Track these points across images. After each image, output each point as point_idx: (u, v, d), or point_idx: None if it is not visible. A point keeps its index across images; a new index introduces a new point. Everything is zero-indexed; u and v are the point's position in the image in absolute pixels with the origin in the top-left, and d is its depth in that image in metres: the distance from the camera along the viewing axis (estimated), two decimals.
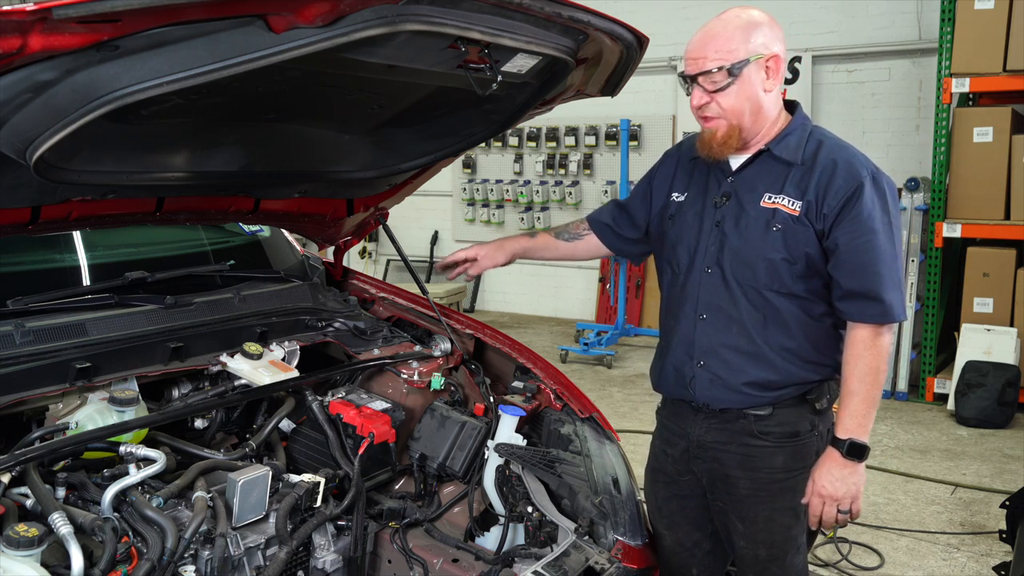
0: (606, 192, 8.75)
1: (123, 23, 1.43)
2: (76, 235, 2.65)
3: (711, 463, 2.24)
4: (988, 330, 6.00)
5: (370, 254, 10.38)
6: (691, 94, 2.11)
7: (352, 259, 10.11)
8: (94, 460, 2.05)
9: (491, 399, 2.63)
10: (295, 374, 2.44)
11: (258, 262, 3.07)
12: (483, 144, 7.21)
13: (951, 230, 6.08)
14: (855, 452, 2.07)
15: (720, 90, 2.06)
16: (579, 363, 7.39)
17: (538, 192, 9.13)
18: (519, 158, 9.25)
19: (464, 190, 9.55)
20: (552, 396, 2.57)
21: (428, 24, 1.68)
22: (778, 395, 2.16)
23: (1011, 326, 6.00)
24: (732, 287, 2.15)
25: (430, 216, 9.81)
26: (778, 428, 2.17)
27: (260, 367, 2.39)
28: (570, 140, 8.92)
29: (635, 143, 8.47)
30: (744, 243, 2.14)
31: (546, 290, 9.43)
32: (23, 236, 2.28)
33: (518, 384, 2.62)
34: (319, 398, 2.51)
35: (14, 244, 2.56)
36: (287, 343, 2.57)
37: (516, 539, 2.45)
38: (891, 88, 7.44)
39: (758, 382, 2.15)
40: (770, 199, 2.13)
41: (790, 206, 2.10)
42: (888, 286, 2.05)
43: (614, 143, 8.61)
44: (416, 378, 2.67)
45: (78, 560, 1.69)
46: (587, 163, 8.90)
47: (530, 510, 2.41)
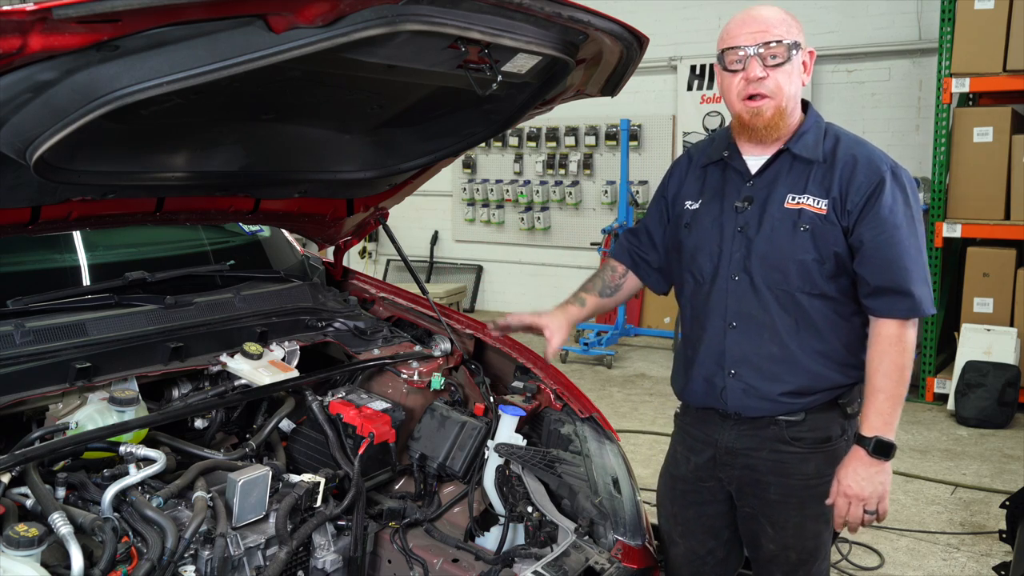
0: (606, 192, 8.75)
1: (123, 23, 1.43)
2: (76, 235, 2.65)
3: (741, 469, 2.20)
4: (988, 330, 6.00)
5: (370, 254, 10.38)
6: (742, 70, 2.04)
7: (352, 259, 10.11)
8: (94, 460, 2.05)
9: (491, 399, 2.63)
10: (295, 374, 2.44)
11: (258, 262, 3.07)
12: (483, 144, 7.21)
13: (951, 230, 6.07)
14: (882, 450, 2.04)
15: (779, 65, 2.03)
16: (579, 363, 7.39)
17: (538, 192, 9.13)
18: (519, 158, 9.25)
19: (464, 190, 9.56)
20: (552, 396, 2.57)
21: (428, 24, 1.67)
22: (811, 400, 2.13)
23: (1011, 326, 6.00)
24: (762, 293, 2.11)
25: (430, 216, 9.82)
26: (810, 434, 2.14)
27: (260, 367, 2.39)
28: (570, 140, 8.92)
29: (635, 143, 8.47)
30: (772, 247, 2.10)
31: (546, 290, 9.43)
32: (23, 236, 2.28)
33: (518, 384, 2.62)
34: (319, 398, 2.51)
35: (14, 244, 2.56)
36: (287, 343, 2.57)
37: (516, 539, 2.45)
38: (891, 88, 7.44)
39: (793, 390, 2.11)
40: (794, 199, 2.09)
41: (816, 205, 2.07)
42: (916, 280, 2.03)
43: (614, 143, 8.61)
44: (416, 378, 2.67)
45: (78, 560, 1.69)
46: (587, 163, 8.90)
47: (530, 510, 2.41)
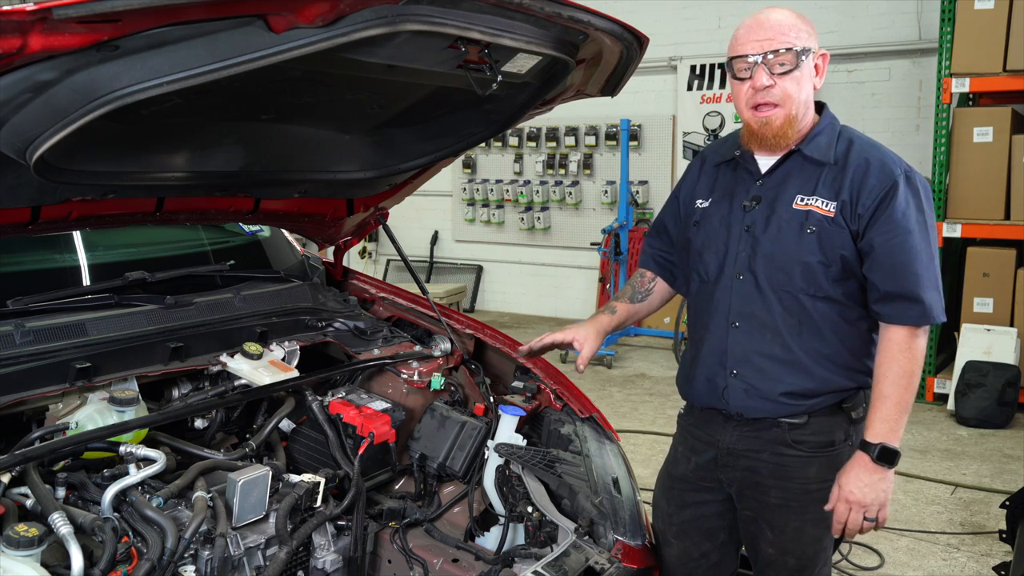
0: (606, 192, 8.76)
1: (123, 23, 1.43)
2: (76, 235, 2.65)
3: (742, 471, 2.19)
4: (988, 330, 6.01)
5: (370, 254, 10.39)
6: (750, 78, 2.03)
7: (352, 259, 10.11)
8: (94, 460, 2.05)
9: (491, 399, 2.63)
10: (295, 374, 2.44)
11: (258, 262, 3.07)
12: (483, 144, 7.21)
13: (951, 230, 6.08)
14: (886, 457, 2.02)
15: (786, 73, 2.01)
16: None
17: (538, 192, 9.14)
18: (519, 158, 9.25)
19: (464, 190, 9.56)
20: (552, 396, 2.57)
21: (428, 24, 1.67)
22: (814, 403, 2.11)
23: (1011, 326, 6.01)
24: (766, 293, 2.10)
25: (430, 216, 9.82)
26: (813, 437, 2.12)
27: (260, 367, 2.39)
28: (570, 140, 8.93)
29: (635, 143, 8.47)
30: (777, 247, 2.09)
31: (546, 290, 9.44)
32: (23, 236, 2.27)
33: (518, 384, 2.62)
34: (319, 398, 2.51)
35: (14, 244, 2.56)
36: (287, 343, 2.57)
37: (516, 539, 2.45)
38: (891, 88, 7.45)
39: (795, 391, 2.10)
40: (803, 201, 2.08)
41: (824, 207, 2.05)
42: (926, 286, 2.02)
43: (614, 143, 8.62)
44: (416, 378, 2.67)
45: (78, 560, 1.69)
46: (587, 163, 8.90)
47: (530, 510, 2.40)
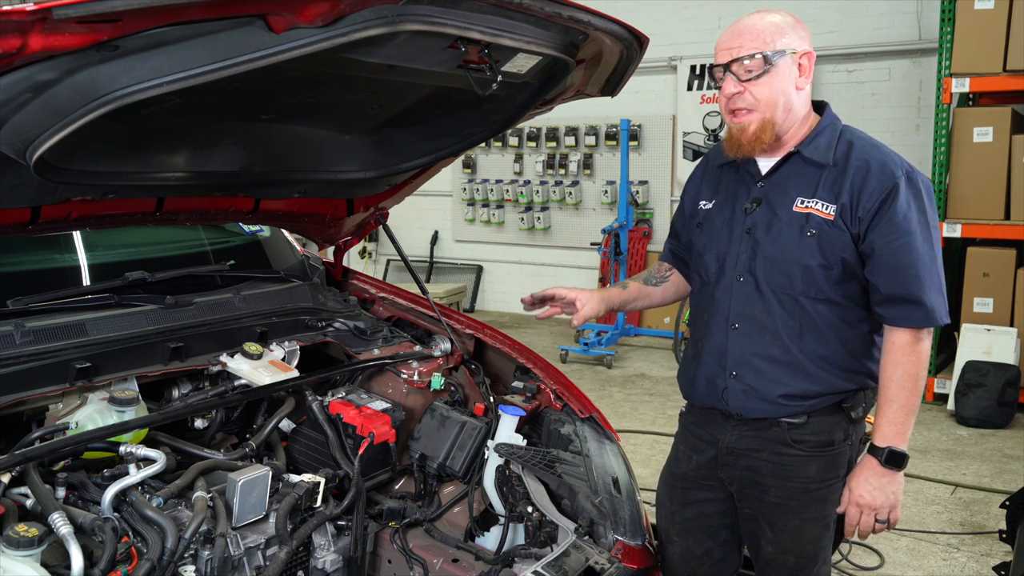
0: (606, 192, 8.75)
1: (123, 23, 1.43)
2: (76, 235, 2.65)
3: (742, 470, 2.19)
4: (988, 330, 6.01)
5: (370, 254, 10.39)
6: (722, 86, 2.06)
7: (352, 259, 10.11)
8: (94, 460, 2.05)
9: (491, 399, 2.63)
10: (295, 374, 2.44)
11: (258, 262, 3.07)
12: (483, 144, 7.21)
13: (951, 230, 6.08)
14: (894, 460, 2.03)
15: (754, 79, 2.01)
16: (579, 363, 7.39)
17: (538, 192, 9.14)
18: (519, 158, 9.25)
19: (464, 190, 9.56)
20: (552, 396, 2.57)
21: (428, 24, 1.67)
22: (813, 404, 2.11)
23: (1011, 326, 6.01)
24: (766, 295, 2.10)
25: (430, 216, 9.82)
26: (812, 437, 2.12)
27: (260, 367, 2.39)
28: (570, 140, 8.92)
29: (635, 143, 8.47)
30: (778, 250, 2.09)
31: None
32: (23, 236, 2.27)
33: (518, 384, 2.62)
34: (319, 398, 2.51)
35: (14, 244, 2.56)
36: (287, 343, 2.57)
37: (516, 539, 2.45)
38: (891, 88, 7.45)
39: (793, 393, 2.10)
40: (803, 203, 2.08)
41: (824, 210, 2.05)
42: (929, 289, 2.01)
43: (614, 143, 8.61)
44: (416, 378, 2.67)
45: (78, 560, 1.69)
46: (587, 163, 8.90)
47: (530, 510, 2.41)
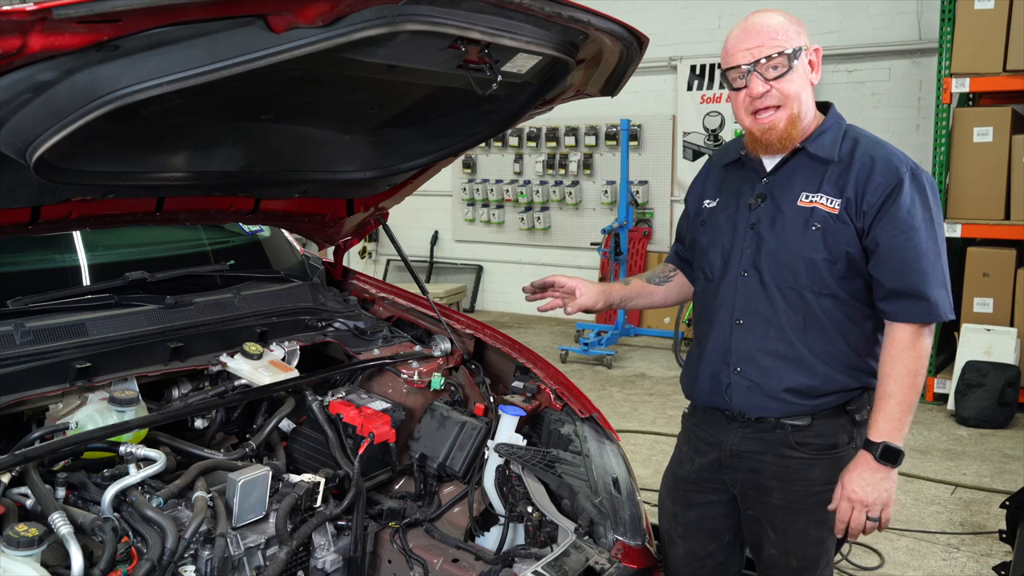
0: (606, 192, 8.76)
1: (123, 23, 1.43)
2: (76, 235, 2.65)
3: (745, 473, 2.19)
4: (988, 330, 6.01)
5: (370, 254, 10.39)
6: (745, 87, 2.04)
7: (352, 259, 10.11)
8: (94, 460, 2.05)
9: (491, 399, 2.63)
10: (295, 374, 2.44)
11: (258, 262, 3.07)
12: (483, 144, 7.22)
13: (951, 230, 6.07)
14: (889, 456, 2.00)
15: (781, 76, 2.02)
16: (579, 363, 7.39)
17: (538, 192, 9.14)
18: (519, 158, 9.25)
19: (464, 190, 9.56)
20: (552, 396, 2.57)
21: (428, 24, 1.67)
22: (817, 403, 2.10)
23: (1011, 326, 6.01)
24: (770, 290, 2.10)
25: (430, 216, 9.82)
26: (816, 439, 2.12)
27: (260, 367, 2.39)
28: (570, 140, 8.93)
29: (635, 143, 8.47)
30: (782, 244, 2.09)
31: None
32: (23, 236, 2.27)
33: (518, 384, 2.62)
34: (319, 398, 2.51)
35: (14, 244, 2.56)
36: (287, 343, 2.57)
37: (516, 539, 2.45)
38: (891, 88, 7.45)
39: (797, 388, 2.09)
40: (807, 198, 2.08)
41: (829, 204, 2.05)
42: (933, 283, 2.01)
43: (614, 143, 8.61)
44: (416, 378, 2.67)
45: (78, 560, 1.69)
46: (587, 163, 8.90)
47: (530, 510, 2.41)
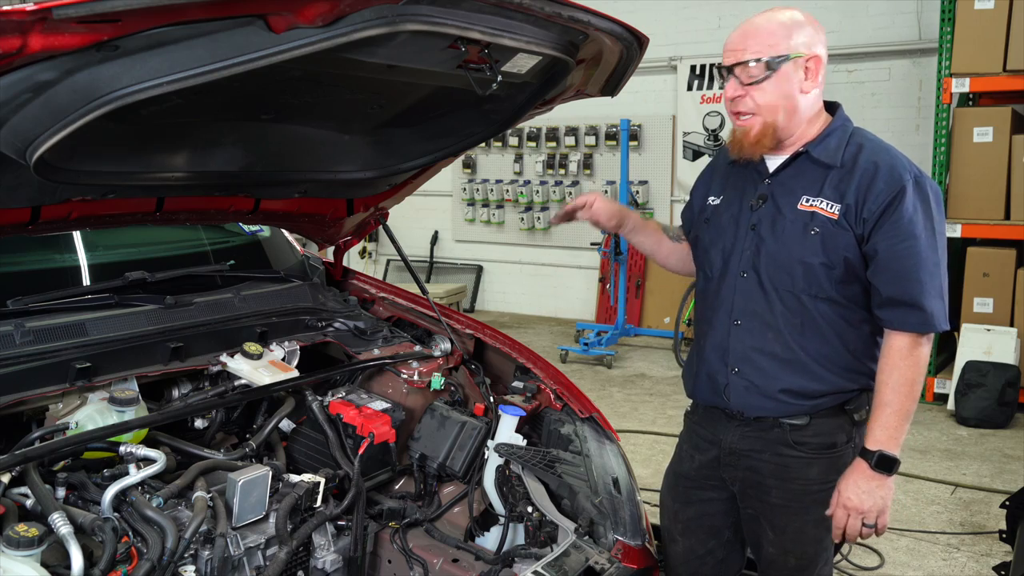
0: (606, 192, 8.74)
1: (123, 23, 1.43)
2: (76, 235, 2.65)
3: (744, 471, 2.19)
4: (988, 330, 6.00)
5: (370, 254, 10.39)
6: (724, 88, 2.08)
7: (352, 259, 10.11)
8: (94, 460, 2.05)
9: (491, 399, 2.63)
10: (295, 374, 2.44)
11: (258, 262, 3.07)
12: (483, 144, 7.22)
13: (951, 230, 6.07)
14: (884, 465, 2.01)
15: (755, 84, 2.02)
16: (579, 363, 7.39)
17: (538, 192, 9.13)
18: (519, 158, 9.25)
19: (464, 190, 9.56)
20: (552, 396, 2.57)
21: (428, 24, 1.67)
22: (815, 404, 2.10)
23: (1011, 326, 6.00)
24: (768, 292, 2.10)
25: (430, 216, 9.82)
26: (815, 439, 2.12)
27: (260, 367, 2.39)
28: (570, 140, 8.92)
29: (635, 143, 8.47)
30: (781, 246, 2.09)
31: (546, 290, 9.43)
32: (23, 236, 2.27)
33: (518, 384, 2.62)
34: (319, 398, 2.51)
35: (14, 244, 2.56)
36: (287, 343, 2.57)
37: (516, 539, 2.45)
38: (891, 88, 7.45)
39: (794, 389, 2.10)
40: (808, 202, 2.07)
41: (828, 209, 2.05)
42: (930, 294, 2.00)
43: (614, 143, 8.61)
44: (416, 378, 2.67)
45: (78, 560, 1.69)
46: (587, 163, 8.90)
47: (530, 510, 2.41)
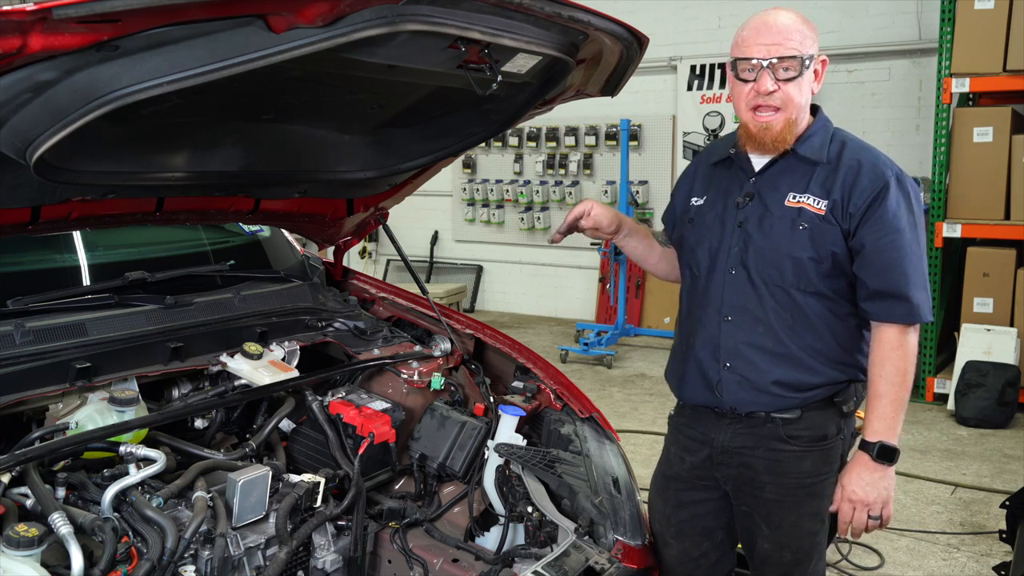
0: (606, 192, 8.75)
1: (123, 23, 1.43)
2: (76, 235, 2.65)
3: (738, 468, 2.21)
4: (988, 330, 6.00)
5: (370, 254, 10.39)
6: (754, 81, 2.06)
7: (352, 259, 10.11)
8: (94, 460, 2.05)
9: (491, 399, 2.63)
10: (295, 374, 2.44)
11: (258, 262, 3.07)
12: (483, 144, 7.21)
13: (951, 230, 6.08)
14: (885, 455, 2.05)
15: (790, 80, 2.04)
16: (579, 363, 7.39)
17: (538, 192, 9.13)
18: (519, 158, 9.25)
19: (464, 190, 9.56)
20: (552, 396, 2.56)
21: (428, 24, 1.67)
22: (807, 397, 2.14)
23: (1011, 326, 6.00)
24: (759, 287, 2.14)
25: (430, 216, 9.82)
26: (806, 432, 2.15)
27: (260, 367, 2.39)
28: (570, 140, 8.93)
29: (635, 143, 8.47)
30: (769, 243, 2.13)
31: (546, 290, 9.43)
32: (23, 236, 2.27)
33: (518, 384, 2.62)
34: (319, 398, 2.51)
35: (14, 244, 2.56)
36: (287, 343, 2.57)
37: (516, 539, 2.45)
38: (891, 88, 7.45)
39: (787, 382, 2.13)
40: (795, 198, 2.12)
41: (816, 205, 2.09)
42: (915, 285, 2.05)
43: (614, 143, 8.61)
44: (416, 378, 2.67)
45: (78, 560, 1.69)
46: (587, 163, 8.90)
47: (530, 510, 2.41)
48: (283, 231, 3.19)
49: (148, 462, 1.97)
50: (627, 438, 2.50)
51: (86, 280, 2.63)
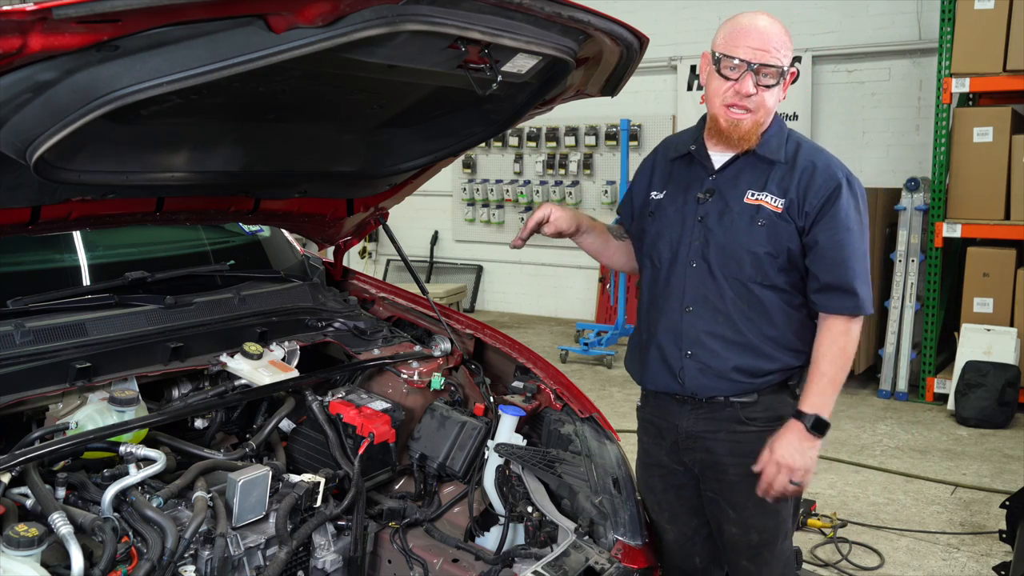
0: (606, 192, 8.75)
1: (123, 23, 1.43)
2: (76, 235, 2.65)
3: (702, 452, 2.31)
4: (988, 330, 6.00)
5: (370, 254, 10.38)
6: (735, 81, 2.14)
7: (352, 259, 10.11)
8: (94, 460, 2.05)
9: (491, 399, 2.64)
10: (295, 374, 2.44)
11: (258, 262, 3.07)
12: (483, 144, 7.21)
13: (951, 230, 6.08)
14: (819, 427, 2.16)
15: (768, 87, 2.16)
16: (579, 363, 7.39)
17: (538, 192, 9.13)
18: (519, 158, 9.25)
19: (464, 190, 9.56)
20: (552, 396, 2.57)
21: (428, 24, 1.68)
22: (763, 381, 2.25)
23: (1011, 326, 6.00)
24: (719, 280, 2.24)
25: (430, 216, 9.81)
26: (763, 413, 2.26)
27: (260, 367, 2.39)
28: (570, 140, 8.92)
29: (635, 143, 8.46)
30: (729, 238, 2.23)
31: (546, 290, 9.43)
32: (23, 236, 2.27)
33: (518, 384, 2.62)
34: (319, 398, 2.51)
35: (14, 244, 2.56)
36: (287, 343, 2.57)
37: (516, 539, 2.45)
38: (891, 88, 7.44)
39: (745, 368, 2.23)
40: (754, 196, 2.23)
41: (773, 203, 2.21)
42: (860, 280, 2.20)
43: (614, 143, 8.61)
44: (416, 378, 2.67)
45: (78, 560, 1.69)
46: (587, 163, 8.90)
47: (530, 510, 2.41)
48: (283, 231, 3.19)
49: (148, 462, 1.97)
50: (627, 438, 2.51)
51: (86, 280, 2.63)
